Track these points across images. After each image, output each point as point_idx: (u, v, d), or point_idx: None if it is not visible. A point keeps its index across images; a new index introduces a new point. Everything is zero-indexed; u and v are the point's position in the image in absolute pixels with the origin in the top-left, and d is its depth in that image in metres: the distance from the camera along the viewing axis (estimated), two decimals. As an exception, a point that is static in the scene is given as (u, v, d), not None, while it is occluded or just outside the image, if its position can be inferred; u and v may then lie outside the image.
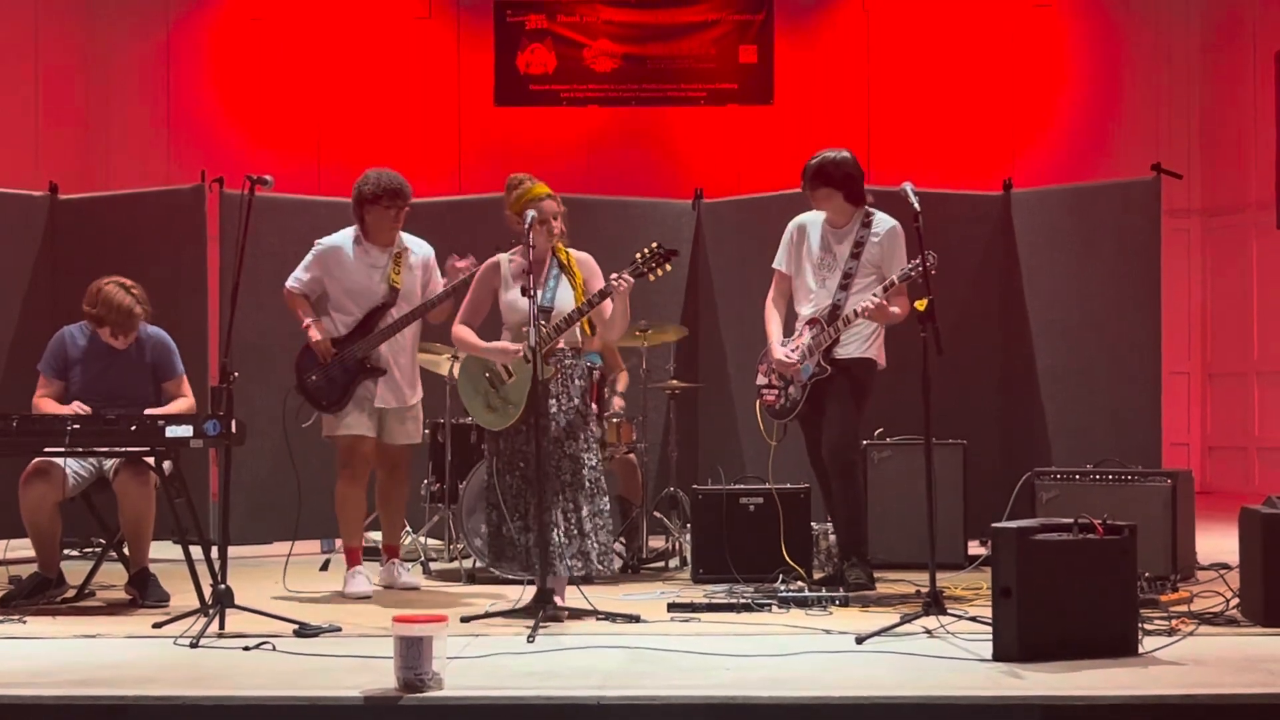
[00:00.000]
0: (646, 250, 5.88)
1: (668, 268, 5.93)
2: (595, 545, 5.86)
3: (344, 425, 6.72)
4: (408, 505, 7.16)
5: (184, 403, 6.52)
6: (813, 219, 6.76)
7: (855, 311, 6.40)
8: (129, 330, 6.42)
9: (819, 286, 6.62)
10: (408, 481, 7.00)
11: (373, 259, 6.79)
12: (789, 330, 6.73)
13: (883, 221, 6.60)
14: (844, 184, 6.57)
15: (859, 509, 6.63)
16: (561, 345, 5.96)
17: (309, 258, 6.87)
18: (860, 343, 6.55)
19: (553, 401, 5.91)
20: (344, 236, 6.85)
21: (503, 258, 6.11)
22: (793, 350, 6.58)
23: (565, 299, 5.96)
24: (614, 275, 5.83)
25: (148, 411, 6.07)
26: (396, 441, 6.85)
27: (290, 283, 6.85)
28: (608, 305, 5.91)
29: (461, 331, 6.10)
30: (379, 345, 6.71)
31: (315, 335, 6.70)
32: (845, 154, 6.62)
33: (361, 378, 6.71)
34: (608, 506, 5.98)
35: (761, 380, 6.74)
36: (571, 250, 6.12)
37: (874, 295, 6.38)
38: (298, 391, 6.76)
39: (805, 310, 6.67)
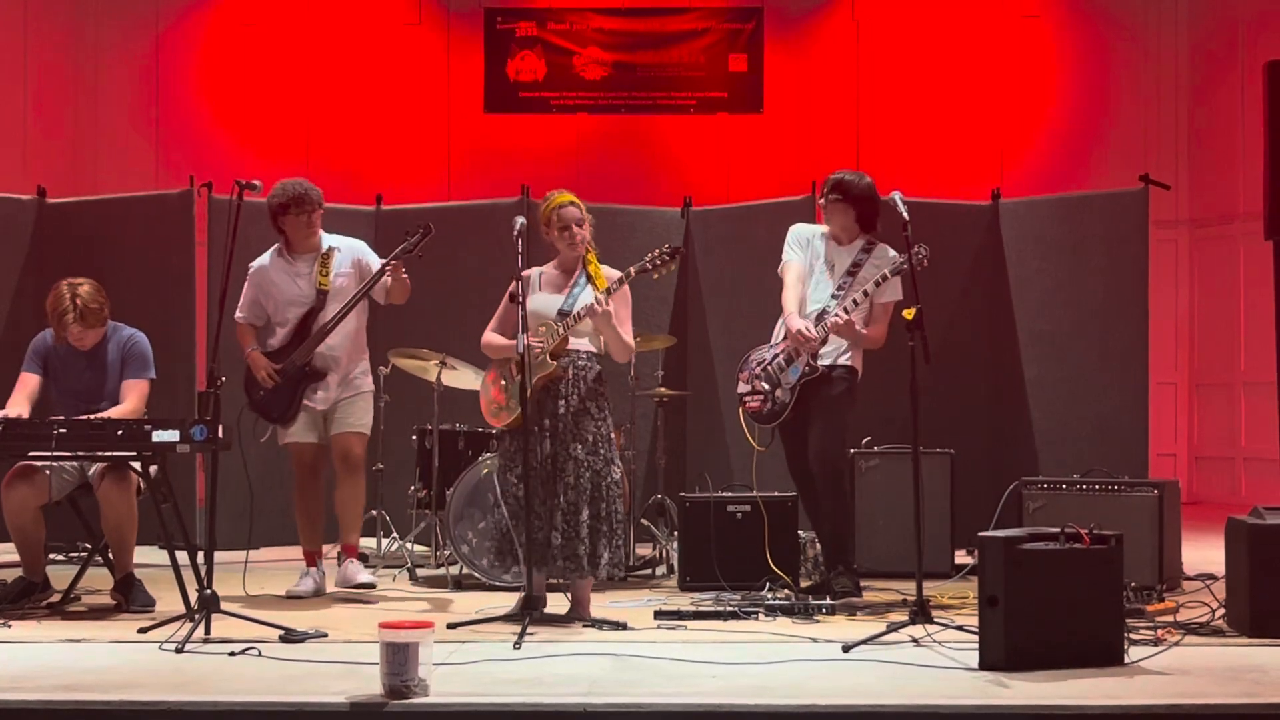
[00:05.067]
0: (657, 251, 5.97)
1: (673, 266, 6.01)
2: (587, 549, 5.79)
3: (288, 434, 6.81)
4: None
5: (122, 407, 6.38)
6: (817, 229, 6.76)
7: (826, 324, 6.40)
8: (61, 332, 6.37)
9: (811, 294, 6.62)
10: (362, 474, 6.89)
11: (297, 267, 6.86)
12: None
13: (886, 250, 6.58)
14: (858, 203, 6.57)
15: (846, 517, 6.63)
16: (576, 347, 5.96)
17: (246, 284, 6.94)
18: (843, 350, 6.54)
19: (561, 402, 5.89)
20: (268, 254, 6.94)
21: (534, 270, 6.11)
22: (779, 351, 6.57)
23: (586, 304, 5.95)
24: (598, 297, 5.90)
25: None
26: (340, 430, 6.84)
27: (236, 314, 6.89)
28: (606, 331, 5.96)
29: (488, 336, 6.13)
30: (315, 348, 6.74)
31: (257, 364, 6.74)
32: (867, 178, 6.63)
33: (305, 384, 6.76)
34: (616, 513, 5.88)
35: (744, 388, 6.72)
36: (605, 266, 6.11)
37: (845, 309, 6.38)
38: (250, 409, 6.79)
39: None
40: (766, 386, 6.63)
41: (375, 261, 6.89)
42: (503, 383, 6.03)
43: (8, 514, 6.19)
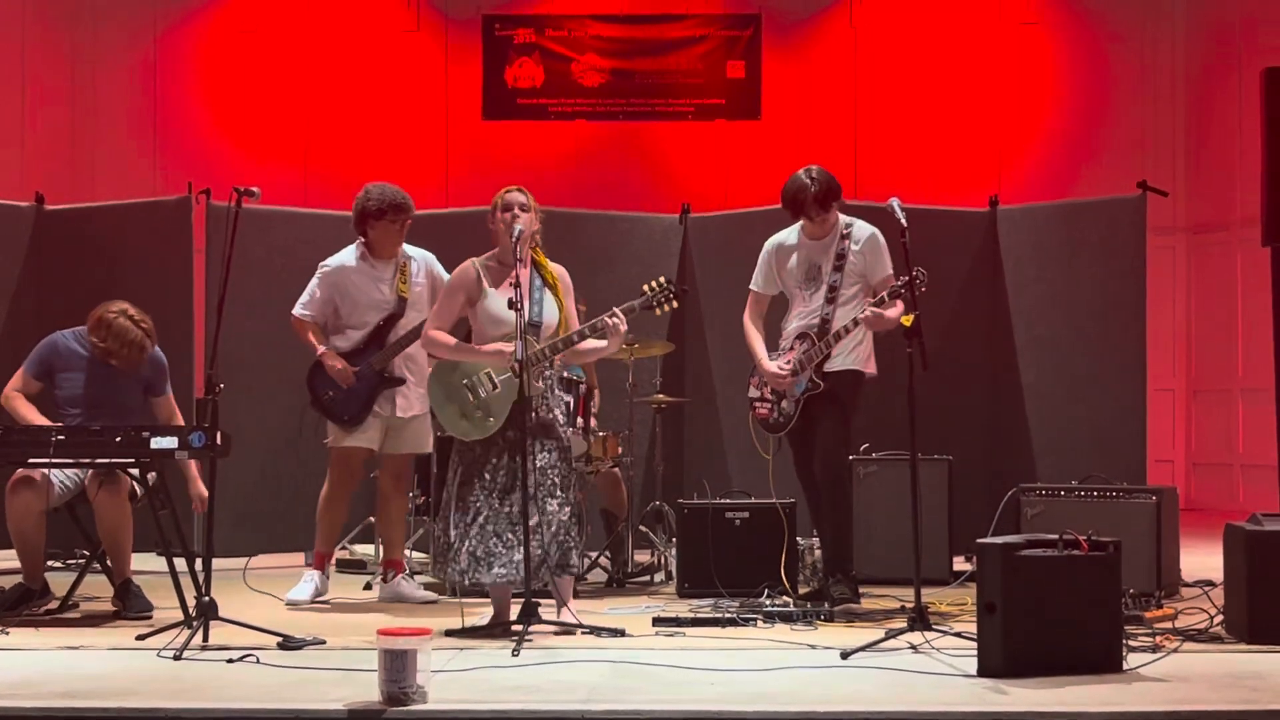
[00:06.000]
0: (657, 284, 5.84)
1: (675, 304, 5.90)
2: (569, 550, 5.75)
3: (351, 438, 6.79)
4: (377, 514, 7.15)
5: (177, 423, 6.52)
6: (787, 237, 6.77)
7: (854, 321, 6.37)
8: (138, 365, 6.37)
9: (805, 302, 6.63)
10: (407, 493, 7.01)
11: (379, 272, 6.88)
12: (771, 344, 6.73)
13: (862, 229, 6.62)
14: (839, 196, 6.64)
15: (847, 524, 6.61)
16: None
17: (315, 282, 6.93)
18: (845, 355, 6.55)
19: (532, 414, 5.77)
20: (347, 255, 6.93)
21: (476, 263, 6.02)
22: (784, 364, 6.57)
23: (552, 314, 5.90)
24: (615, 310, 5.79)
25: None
26: (403, 450, 6.93)
27: (299, 311, 6.91)
28: (589, 340, 5.88)
29: (441, 336, 5.94)
30: (396, 356, 6.77)
31: (336, 364, 6.76)
32: (819, 167, 6.67)
33: (381, 389, 6.79)
34: (563, 512, 5.76)
35: (754, 393, 6.73)
36: (552, 264, 6.05)
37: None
38: (314, 408, 6.81)
39: (793, 325, 6.67)
40: (773, 396, 6.63)
41: (445, 274, 6.88)
42: (471, 399, 5.84)
43: (11, 518, 6.17)
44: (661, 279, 5.90)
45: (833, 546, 6.58)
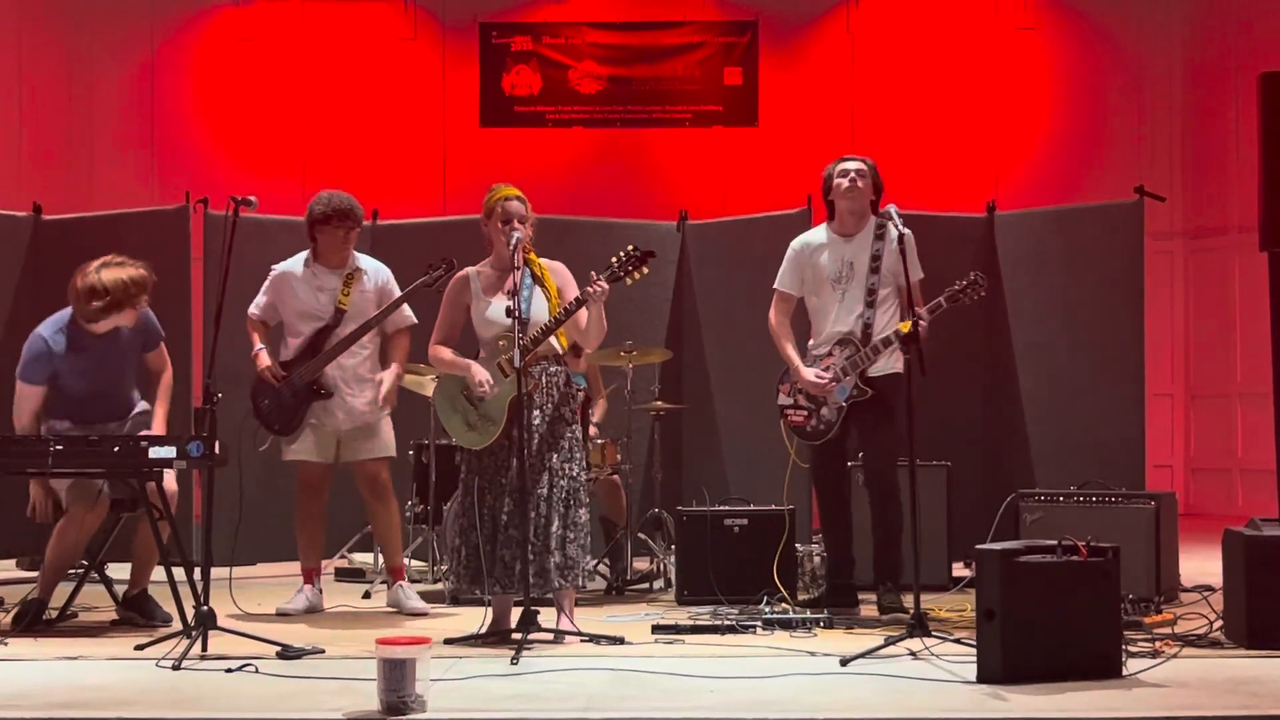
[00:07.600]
0: (622, 254, 5.76)
1: (644, 270, 5.81)
2: (558, 560, 5.76)
3: (291, 450, 6.78)
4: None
5: (167, 380, 6.41)
6: (815, 235, 6.71)
7: (896, 333, 6.22)
8: (135, 310, 6.20)
9: (839, 302, 6.53)
10: (392, 497, 6.89)
11: (321, 280, 6.82)
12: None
13: (892, 231, 6.53)
14: (876, 175, 6.68)
15: (898, 531, 6.44)
16: (540, 351, 5.84)
17: (266, 283, 6.92)
18: (887, 359, 6.46)
19: (536, 412, 5.82)
20: (296, 260, 6.92)
21: (471, 271, 6.06)
22: (824, 370, 6.48)
23: (540, 309, 5.88)
24: (594, 275, 5.72)
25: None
26: (362, 457, 6.80)
27: (250, 309, 6.90)
28: (582, 314, 5.80)
29: (439, 350, 5.99)
30: (324, 367, 6.71)
31: (262, 361, 6.74)
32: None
33: (310, 400, 6.72)
34: (583, 518, 5.85)
35: (785, 400, 6.61)
36: (543, 260, 6.05)
37: (921, 319, 6.06)
38: (253, 416, 6.78)
39: (829, 328, 6.56)
40: (810, 403, 6.54)
41: (396, 292, 6.86)
42: (471, 407, 5.88)
43: (66, 545, 6.09)
44: (629, 247, 5.80)
45: (883, 554, 6.47)
